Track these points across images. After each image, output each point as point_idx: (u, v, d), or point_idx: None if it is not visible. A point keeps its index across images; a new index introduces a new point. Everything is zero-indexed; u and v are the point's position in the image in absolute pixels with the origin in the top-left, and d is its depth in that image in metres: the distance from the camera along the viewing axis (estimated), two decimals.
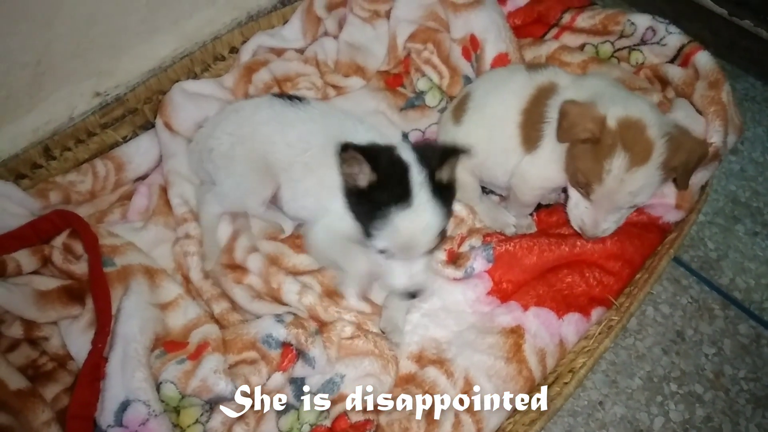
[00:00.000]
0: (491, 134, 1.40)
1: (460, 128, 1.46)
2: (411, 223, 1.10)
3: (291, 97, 1.41)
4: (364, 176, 1.12)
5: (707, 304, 1.73)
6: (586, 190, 1.23)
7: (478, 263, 1.37)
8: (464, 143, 1.43)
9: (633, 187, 1.17)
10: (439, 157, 1.12)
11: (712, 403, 1.57)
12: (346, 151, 1.09)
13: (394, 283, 1.20)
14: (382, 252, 1.18)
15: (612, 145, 1.15)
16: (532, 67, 1.42)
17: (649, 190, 1.19)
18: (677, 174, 1.20)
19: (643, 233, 1.41)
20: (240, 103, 1.48)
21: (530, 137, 1.34)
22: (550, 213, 1.52)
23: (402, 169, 1.12)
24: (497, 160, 1.42)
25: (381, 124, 1.70)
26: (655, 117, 1.17)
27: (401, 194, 1.10)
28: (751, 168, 2.05)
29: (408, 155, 1.15)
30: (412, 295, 1.20)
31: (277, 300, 1.35)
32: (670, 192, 1.43)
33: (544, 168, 1.34)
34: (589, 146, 1.18)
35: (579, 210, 1.28)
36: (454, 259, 1.41)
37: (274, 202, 1.43)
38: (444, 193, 1.15)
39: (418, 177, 1.11)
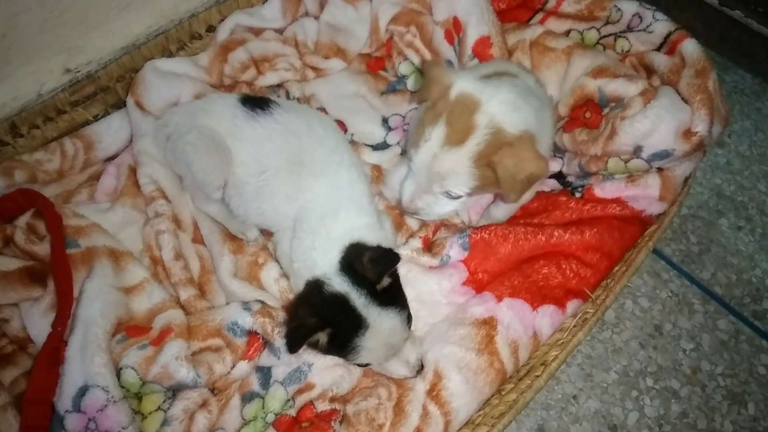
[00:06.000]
0: None
1: None
2: (377, 339, 1.11)
3: (260, 102, 1.36)
4: (324, 337, 1.11)
5: (687, 299, 1.71)
6: (410, 155, 1.18)
7: (455, 251, 1.34)
8: None
9: (441, 167, 1.12)
10: (373, 271, 1.12)
11: (688, 399, 1.55)
12: (296, 346, 1.09)
13: (396, 375, 1.20)
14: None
15: (439, 114, 1.10)
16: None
17: (457, 179, 1.13)
18: (500, 181, 1.11)
19: (624, 226, 1.38)
20: (206, 102, 1.43)
21: None
22: (531, 199, 1.48)
23: (342, 303, 1.11)
24: None
25: (361, 108, 1.67)
26: (502, 109, 1.10)
27: (355, 325, 1.10)
28: (737, 161, 2.02)
29: (341, 284, 1.13)
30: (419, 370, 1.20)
31: (256, 280, 1.34)
32: (654, 183, 1.40)
33: None
34: (428, 109, 1.14)
35: (405, 180, 1.24)
36: (429, 247, 1.39)
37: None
38: (390, 291, 1.15)
39: (360, 301, 1.10)
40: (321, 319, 1.09)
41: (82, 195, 1.46)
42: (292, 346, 1.08)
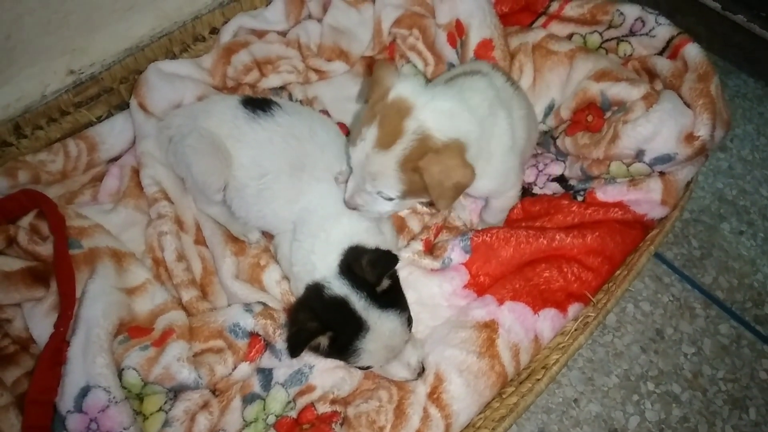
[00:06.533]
0: None
1: None
2: (377, 341, 1.11)
3: (261, 103, 1.35)
4: (325, 341, 1.11)
5: (689, 303, 1.71)
6: (349, 152, 1.17)
7: (456, 254, 1.35)
8: None
9: (372, 168, 1.10)
10: (372, 273, 1.11)
11: (689, 404, 1.55)
12: (297, 350, 1.09)
13: (397, 377, 1.20)
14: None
15: (374, 115, 1.09)
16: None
17: (386, 182, 1.11)
18: (428, 187, 1.09)
19: (626, 230, 1.38)
20: (208, 104, 1.43)
21: None
22: (533, 202, 1.48)
23: (343, 306, 1.11)
24: None
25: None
26: (433, 116, 1.08)
27: (355, 328, 1.10)
28: (740, 166, 2.02)
29: (340, 287, 1.13)
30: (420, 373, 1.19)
31: (258, 282, 1.34)
32: (656, 187, 1.40)
33: None
34: (368, 109, 1.14)
35: (349, 176, 1.23)
36: (431, 249, 1.39)
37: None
38: (390, 293, 1.15)
39: (359, 304, 1.10)
40: (321, 323, 1.09)
41: (85, 196, 1.47)
42: (293, 351, 1.08)
